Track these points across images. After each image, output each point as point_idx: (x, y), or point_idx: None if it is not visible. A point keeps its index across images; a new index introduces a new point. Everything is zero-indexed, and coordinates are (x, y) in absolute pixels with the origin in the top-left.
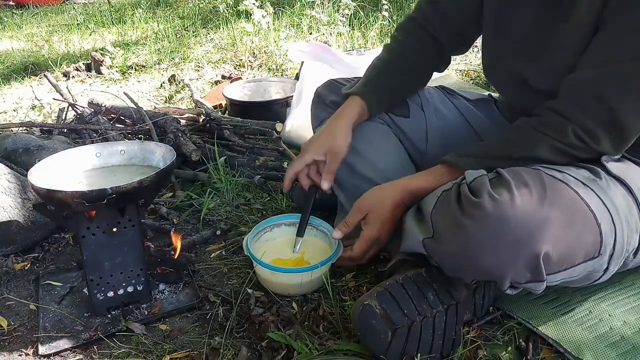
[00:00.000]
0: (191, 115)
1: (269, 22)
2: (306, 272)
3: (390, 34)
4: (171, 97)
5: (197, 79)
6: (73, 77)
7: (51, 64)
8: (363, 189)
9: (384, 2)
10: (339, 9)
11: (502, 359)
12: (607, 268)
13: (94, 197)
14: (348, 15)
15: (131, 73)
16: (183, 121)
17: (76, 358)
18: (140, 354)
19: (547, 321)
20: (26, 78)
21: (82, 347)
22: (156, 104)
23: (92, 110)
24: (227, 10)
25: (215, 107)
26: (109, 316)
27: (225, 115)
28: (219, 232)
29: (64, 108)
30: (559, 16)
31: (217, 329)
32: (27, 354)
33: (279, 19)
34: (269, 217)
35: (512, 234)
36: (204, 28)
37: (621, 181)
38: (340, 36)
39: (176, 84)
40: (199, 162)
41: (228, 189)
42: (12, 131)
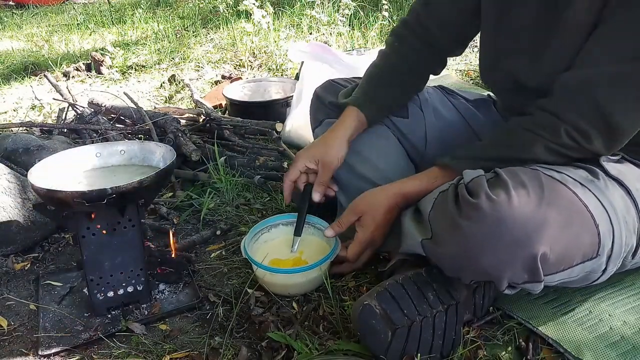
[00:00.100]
0: (191, 115)
1: (269, 22)
2: (305, 272)
3: (386, 38)
4: (171, 97)
5: (197, 79)
6: (73, 77)
7: (51, 64)
8: (363, 190)
9: (384, 2)
10: (339, 9)
11: (502, 359)
12: (605, 269)
13: (94, 197)
14: (348, 15)
15: (131, 73)
16: (183, 121)
17: (76, 358)
18: (140, 354)
19: (547, 321)
20: (26, 78)
21: (82, 347)
22: (156, 104)
23: (92, 110)
24: (227, 10)
25: (215, 107)
26: (109, 316)
27: (225, 115)
28: (219, 232)
29: (64, 108)
30: (558, 16)
31: (217, 329)
32: (27, 354)
33: (279, 19)
34: (268, 217)
35: (510, 234)
36: (204, 28)
37: (619, 182)
38: (340, 36)
39: (176, 84)
40: (199, 162)
41: (228, 189)
42: (12, 131)
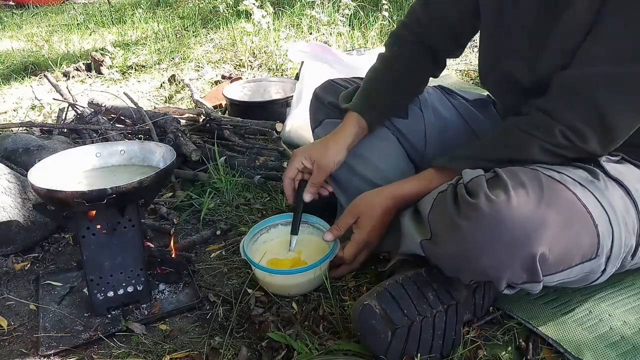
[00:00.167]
0: (191, 115)
1: (269, 22)
2: (304, 272)
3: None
4: (171, 97)
5: (197, 79)
6: (73, 77)
7: (51, 64)
8: (363, 190)
9: (384, 2)
10: (339, 9)
11: (502, 359)
12: (604, 269)
13: (94, 197)
14: (348, 15)
15: (131, 73)
16: (183, 121)
17: (76, 358)
18: (140, 354)
19: (547, 321)
20: (26, 78)
21: (82, 347)
22: (156, 104)
23: (92, 110)
24: (227, 10)
25: (215, 107)
26: (109, 316)
27: (225, 115)
28: (219, 232)
29: (64, 108)
30: (558, 16)
31: (217, 329)
32: (27, 354)
33: (279, 19)
34: (267, 218)
35: (509, 235)
36: (204, 28)
37: (619, 183)
38: (340, 36)
39: (176, 84)
40: (199, 162)
41: (228, 189)
42: (12, 131)
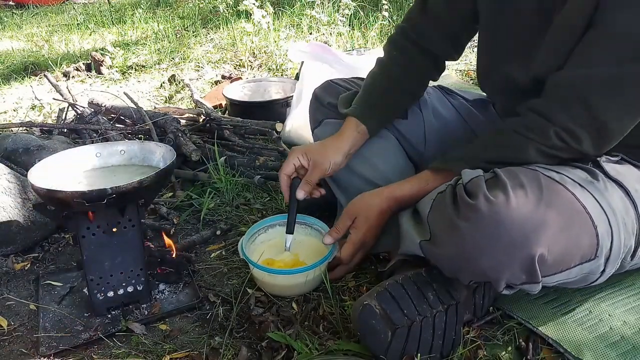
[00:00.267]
0: (191, 115)
1: (269, 22)
2: (302, 273)
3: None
4: (171, 97)
5: (197, 79)
6: (73, 77)
7: (51, 64)
8: (363, 190)
9: (384, 2)
10: (339, 9)
11: (502, 359)
12: (603, 270)
13: (94, 197)
14: (348, 15)
15: (131, 73)
16: (183, 121)
17: (76, 358)
18: (140, 354)
19: (547, 321)
20: (26, 78)
21: (82, 347)
22: (156, 104)
23: (92, 110)
24: (227, 10)
25: (215, 107)
26: (109, 316)
27: (225, 115)
28: (219, 232)
29: (64, 108)
30: (551, 19)
31: (217, 329)
32: (27, 354)
33: (279, 19)
34: (265, 218)
35: (508, 236)
36: (204, 28)
37: (619, 183)
38: (340, 36)
39: (176, 84)
40: (199, 162)
41: (228, 189)
42: (12, 131)
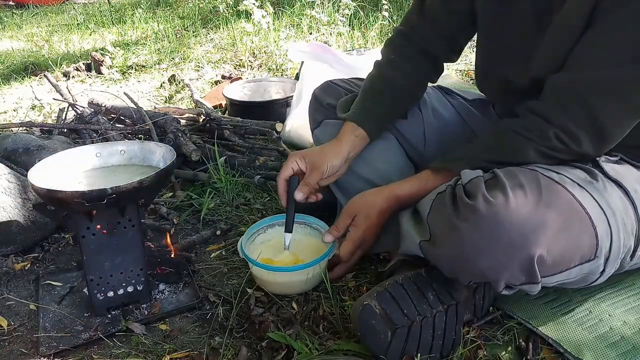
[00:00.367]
0: (191, 115)
1: (269, 22)
2: (302, 270)
3: (383, 46)
4: (171, 97)
5: (197, 79)
6: (73, 77)
7: (51, 64)
8: (363, 190)
9: (384, 2)
10: (339, 9)
11: (502, 359)
12: (603, 270)
13: (94, 197)
14: (348, 15)
15: (131, 73)
16: (183, 121)
17: (76, 358)
18: (140, 354)
19: (547, 321)
20: (26, 78)
21: (82, 347)
22: (156, 104)
23: (92, 110)
24: (227, 10)
25: (215, 107)
26: (109, 316)
27: (225, 115)
28: (219, 232)
29: (64, 108)
30: (550, 19)
31: (217, 329)
32: (27, 354)
33: (278, 19)
34: (265, 218)
35: (507, 236)
36: (204, 28)
37: (618, 183)
38: (340, 36)
39: (176, 84)
40: (199, 162)
41: (228, 189)
42: (12, 131)
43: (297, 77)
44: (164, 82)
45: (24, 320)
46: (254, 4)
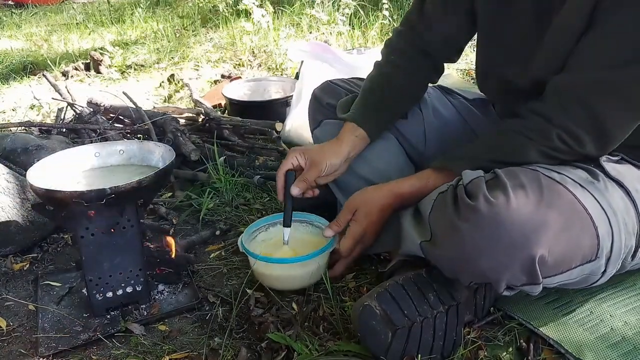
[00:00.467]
0: (190, 115)
1: (268, 22)
2: (301, 263)
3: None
4: (170, 96)
5: (196, 78)
6: (72, 76)
7: (50, 63)
8: None
9: (384, 1)
10: (339, 8)
11: (503, 359)
12: (604, 271)
13: (92, 197)
14: (348, 14)
15: (130, 72)
16: (182, 121)
17: (75, 359)
18: (140, 355)
19: (548, 322)
20: (25, 78)
21: (81, 347)
22: (155, 103)
23: (91, 109)
24: (227, 10)
25: (214, 106)
26: (108, 317)
27: (225, 115)
28: (218, 233)
29: (63, 108)
30: (549, 20)
31: (216, 329)
32: (26, 354)
33: (278, 18)
34: (266, 216)
35: (508, 237)
36: (203, 27)
37: (619, 183)
38: (340, 35)
39: (175, 83)
40: (198, 162)
41: (227, 189)
42: (10, 131)
43: (296, 77)
44: (163, 82)
45: (22, 320)
46: (253, 3)
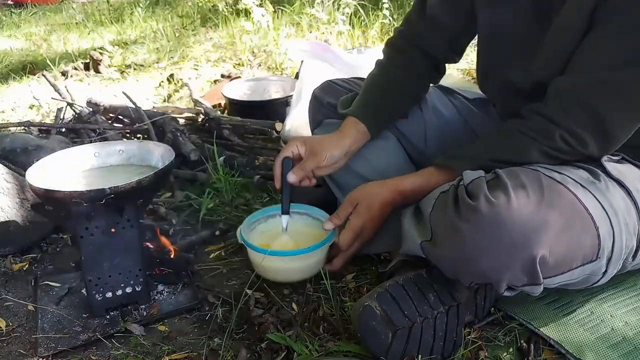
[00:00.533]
0: (190, 115)
1: (268, 21)
2: (301, 255)
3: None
4: (170, 96)
5: (196, 78)
6: (71, 76)
7: (49, 63)
8: None
9: (384, 0)
10: (339, 8)
11: None
12: (605, 271)
13: (92, 197)
14: (348, 13)
15: (130, 72)
16: (182, 121)
17: (74, 359)
18: (139, 355)
19: (549, 322)
20: (24, 77)
21: (81, 348)
22: (155, 103)
23: (91, 109)
24: (227, 9)
25: (214, 106)
26: (108, 317)
27: (225, 115)
28: (218, 233)
29: (62, 107)
30: (550, 21)
31: (216, 330)
32: (25, 354)
33: (278, 17)
34: (265, 208)
35: (509, 237)
36: (203, 27)
37: (620, 183)
38: (341, 35)
39: (175, 83)
40: (198, 161)
41: (227, 189)
42: (10, 131)
43: (296, 76)
44: (162, 82)
45: (22, 321)
46: (253, 2)
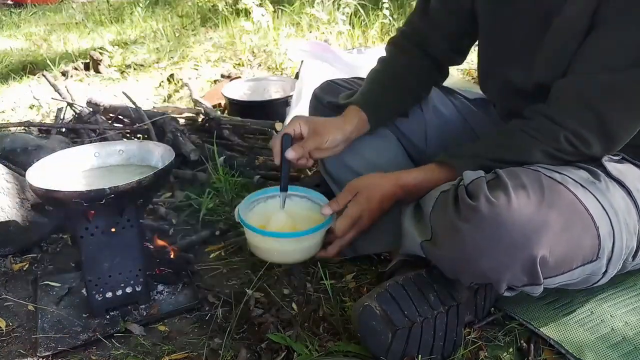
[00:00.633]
0: (190, 115)
1: (268, 21)
2: (298, 238)
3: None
4: (170, 96)
5: (196, 78)
6: (71, 76)
7: (49, 63)
8: None
9: (384, 0)
10: (339, 7)
11: None
12: (605, 271)
13: (92, 197)
14: (348, 13)
15: (130, 72)
16: (182, 121)
17: (74, 359)
18: (139, 355)
19: (549, 322)
20: (24, 77)
21: (81, 348)
22: (155, 103)
23: (91, 109)
24: (227, 9)
25: (214, 106)
26: (108, 317)
27: (225, 115)
28: (218, 233)
29: (62, 107)
30: (550, 21)
31: (216, 330)
32: (25, 355)
33: (278, 17)
34: (265, 188)
35: (509, 237)
36: (203, 27)
37: (620, 183)
38: (341, 35)
39: (175, 83)
40: (198, 161)
41: (227, 189)
42: (10, 131)
43: (296, 76)
44: (162, 82)
45: (22, 321)
46: (253, 2)
